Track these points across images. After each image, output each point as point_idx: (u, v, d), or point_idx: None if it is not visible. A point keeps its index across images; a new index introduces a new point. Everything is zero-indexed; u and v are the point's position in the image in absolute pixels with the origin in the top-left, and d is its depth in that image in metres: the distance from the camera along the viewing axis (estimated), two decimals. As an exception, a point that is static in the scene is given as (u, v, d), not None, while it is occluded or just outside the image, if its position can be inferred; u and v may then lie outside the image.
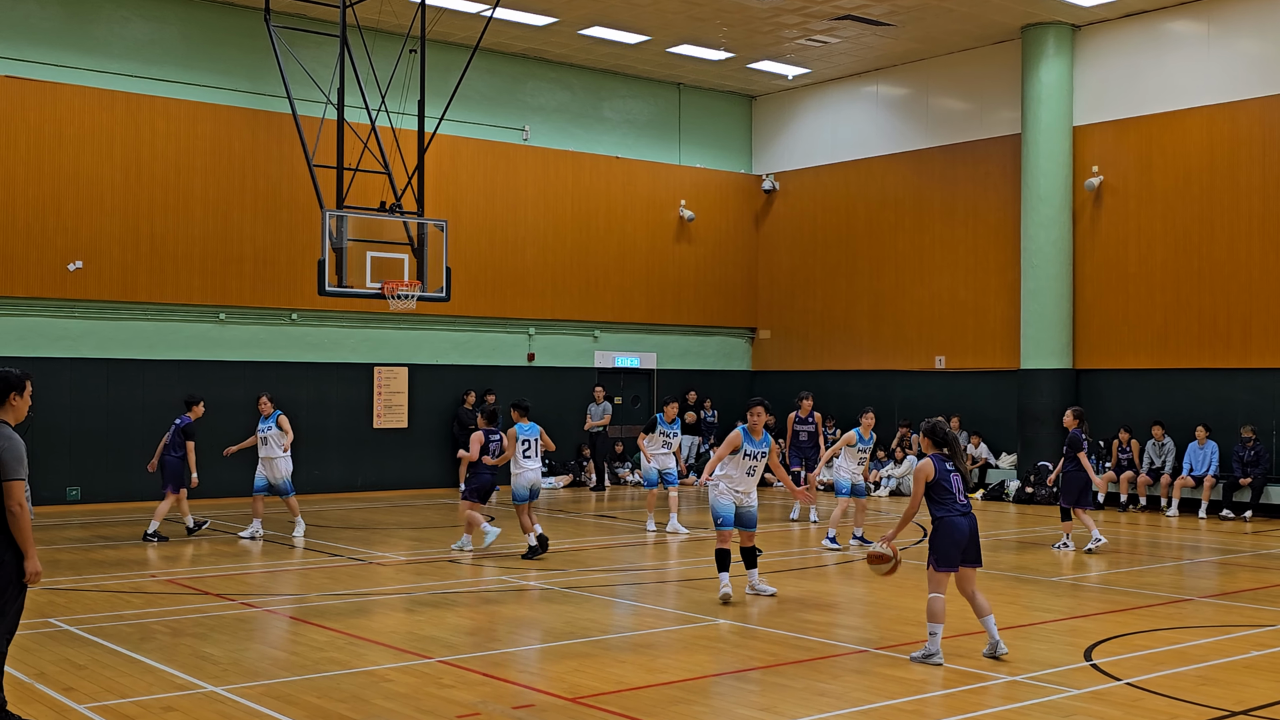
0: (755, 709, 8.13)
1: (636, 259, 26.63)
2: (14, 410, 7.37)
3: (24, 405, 7.43)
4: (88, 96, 20.53)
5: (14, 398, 7.38)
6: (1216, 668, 9.32)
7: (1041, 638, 10.55)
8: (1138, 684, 8.76)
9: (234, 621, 11.01)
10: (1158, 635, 10.55)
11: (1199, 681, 8.86)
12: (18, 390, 7.40)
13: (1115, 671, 9.13)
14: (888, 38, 23.67)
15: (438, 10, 21.31)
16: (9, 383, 7.38)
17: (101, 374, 20.71)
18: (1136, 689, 8.63)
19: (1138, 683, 8.79)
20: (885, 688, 8.67)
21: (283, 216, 22.16)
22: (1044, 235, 22.67)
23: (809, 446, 19.66)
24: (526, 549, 14.86)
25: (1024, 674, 9.04)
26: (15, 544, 7.18)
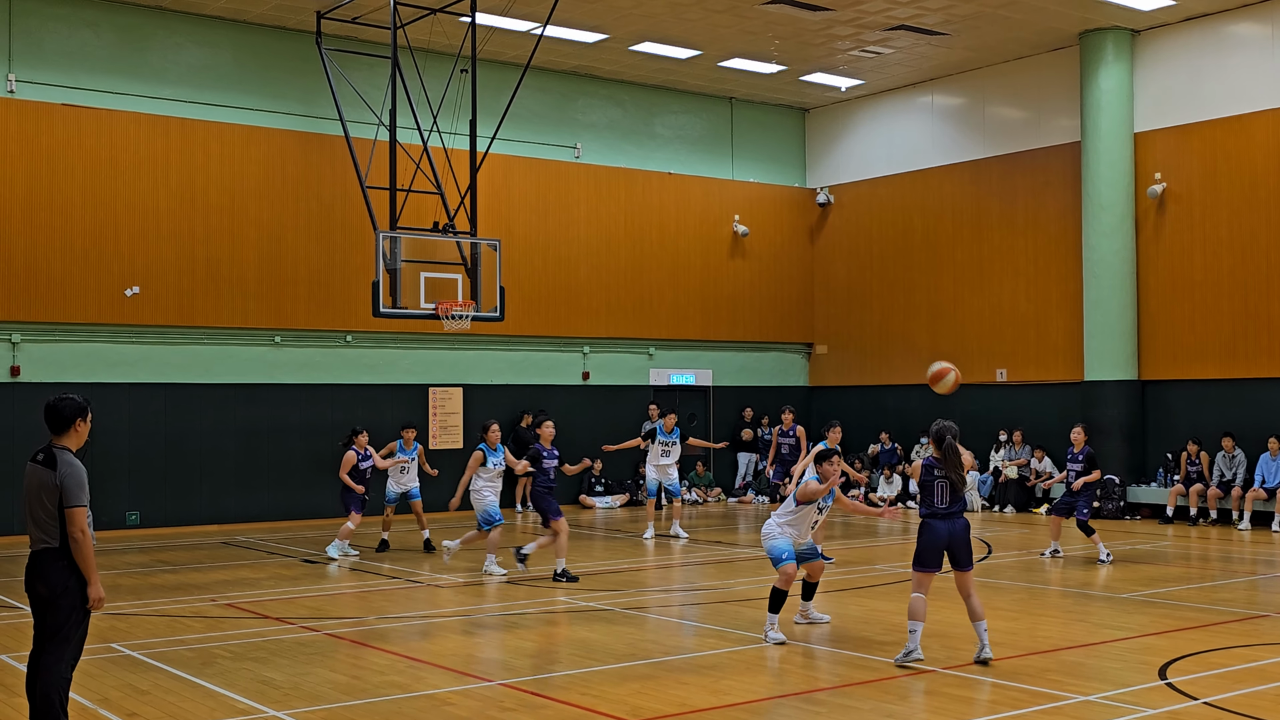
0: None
1: (691, 275, 26.49)
2: (77, 436, 7.40)
3: (86, 431, 7.46)
4: (143, 123, 20.71)
5: (79, 424, 7.42)
6: (1298, 686, 9.03)
7: (1113, 656, 10.31)
8: (1215, 703, 8.51)
9: (294, 645, 10.94)
10: (1234, 653, 10.25)
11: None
12: (82, 417, 7.43)
13: (1192, 690, 8.89)
14: (942, 47, 23.42)
15: (488, 29, 21.32)
16: (74, 410, 7.40)
17: (159, 398, 20.83)
18: (1215, 708, 8.39)
19: (1215, 702, 8.55)
20: (954, 708, 8.46)
21: (336, 238, 22.23)
22: (1106, 244, 22.30)
23: (791, 459, 19.46)
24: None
25: (1097, 694, 8.82)
26: (79, 570, 7.18)
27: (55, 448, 7.29)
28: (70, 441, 7.36)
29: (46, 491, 7.17)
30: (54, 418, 7.34)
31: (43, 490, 7.18)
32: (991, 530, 20.16)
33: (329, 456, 21.97)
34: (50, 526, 7.16)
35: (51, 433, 7.36)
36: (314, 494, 21.56)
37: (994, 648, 10.46)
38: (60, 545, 7.15)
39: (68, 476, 7.16)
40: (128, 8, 20.64)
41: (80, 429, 7.40)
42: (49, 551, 7.16)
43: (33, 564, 7.23)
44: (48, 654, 7.19)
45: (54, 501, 7.14)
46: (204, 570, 15.92)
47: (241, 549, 18.24)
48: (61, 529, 7.15)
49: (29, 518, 7.22)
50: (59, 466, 7.17)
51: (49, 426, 7.36)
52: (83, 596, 7.19)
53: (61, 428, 7.35)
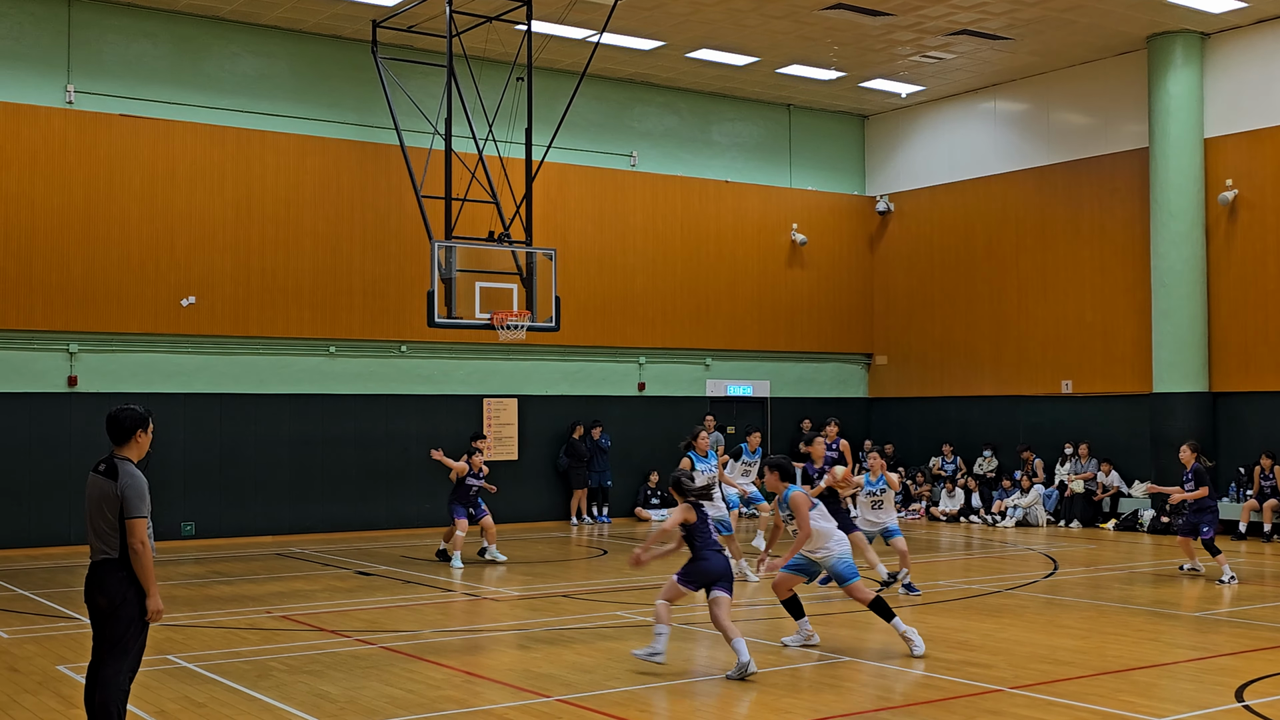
0: (892, 756, 7.66)
1: (748, 284, 26.22)
2: (138, 447, 7.39)
3: (147, 442, 7.47)
4: (199, 133, 20.77)
5: (139, 435, 7.42)
6: (1385, 710, 8.66)
7: (1188, 677, 9.99)
8: (1299, 727, 8.16)
9: (350, 659, 10.80)
10: (1317, 674, 9.86)
11: (1367, 725, 8.24)
12: (143, 428, 7.42)
13: (1270, 714, 8.57)
14: (1005, 52, 23.04)
15: (544, 37, 21.21)
16: (135, 420, 7.39)
17: (214, 409, 20.85)
18: (1300, 733, 8.04)
19: (1299, 726, 8.19)
20: (1029, 732, 8.16)
21: (391, 248, 22.19)
22: (1175, 253, 21.79)
23: None
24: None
25: (1171, 715, 8.54)
26: (138, 582, 7.17)
27: (116, 458, 7.29)
28: (131, 452, 7.35)
29: (107, 502, 7.16)
30: (115, 428, 7.34)
31: (104, 501, 7.17)
32: (1058, 546, 19.73)
33: (383, 467, 21.99)
34: (110, 537, 7.17)
35: (113, 443, 7.35)
36: (368, 505, 21.49)
37: (1062, 666, 10.16)
38: (120, 556, 7.16)
39: (128, 487, 7.16)
40: (185, 18, 20.72)
41: (141, 440, 7.40)
42: (109, 562, 7.17)
43: (93, 575, 7.23)
44: (106, 665, 7.19)
45: (114, 512, 7.14)
46: (259, 582, 15.86)
47: (296, 560, 18.19)
48: (122, 540, 7.16)
49: (90, 528, 7.24)
50: (120, 477, 7.16)
51: (110, 437, 7.35)
52: (141, 608, 7.19)
53: (122, 439, 7.34)
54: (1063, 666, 10.23)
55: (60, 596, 14.46)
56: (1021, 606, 13.47)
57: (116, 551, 7.17)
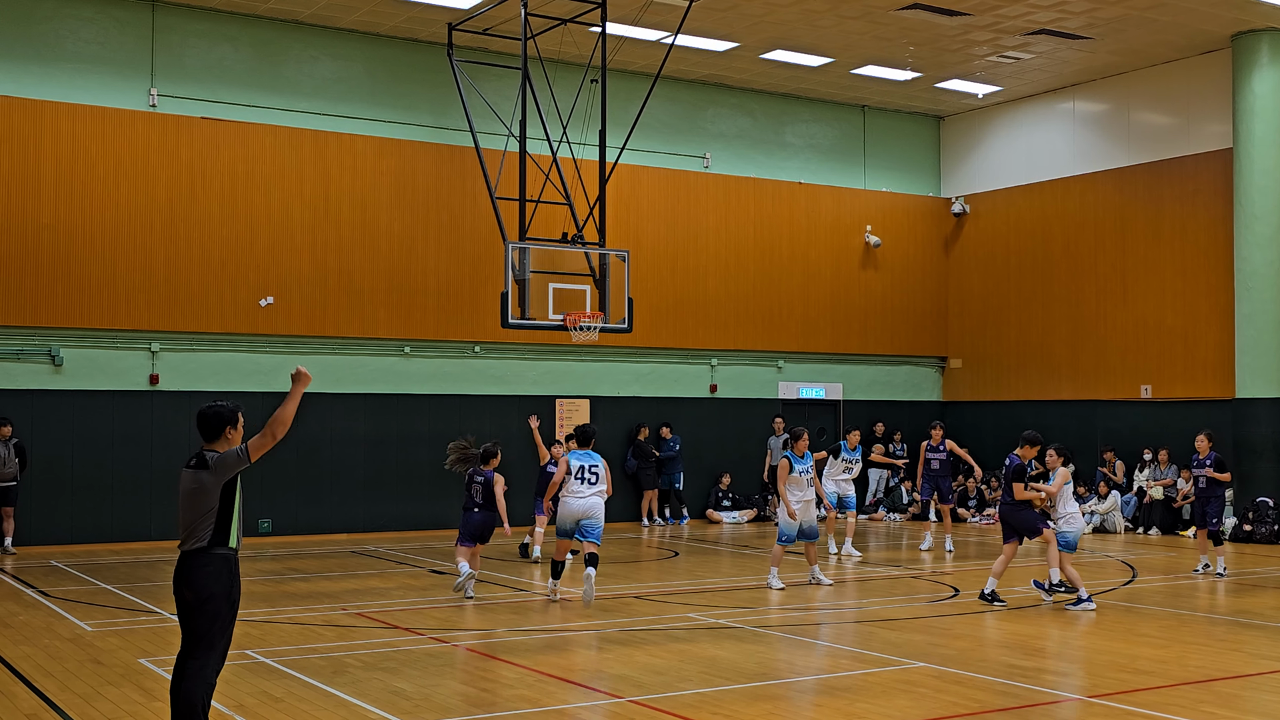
0: (968, 763, 7.57)
1: (821, 287, 26.08)
2: (227, 443, 7.50)
3: (238, 438, 7.56)
4: (278, 135, 21.04)
5: (229, 431, 7.52)
6: None
7: (1273, 688, 9.79)
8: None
9: (424, 656, 10.88)
10: None
11: None
12: (232, 424, 7.53)
13: (1362, 728, 8.32)
14: (1085, 51, 22.71)
15: (618, 39, 21.25)
16: (223, 417, 7.51)
17: (293, 407, 21.05)
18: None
19: (1391, 740, 7.98)
20: (1109, 742, 8.02)
21: (466, 249, 22.33)
22: (1260, 255, 21.36)
23: (940, 475, 19.79)
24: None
25: (1260, 728, 8.30)
26: (224, 577, 7.29)
27: (206, 451, 7.42)
28: (221, 448, 7.48)
29: (198, 494, 7.30)
30: (204, 425, 7.48)
31: (194, 493, 7.30)
32: (1136, 553, 19.41)
33: (457, 467, 22.07)
34: (200, 527, 7.28)
35: (203, 440, 7.49)
36: (441, 504, 21.63)
37: (1141, 676, 9.99)
38: (208, 544, 7.27)
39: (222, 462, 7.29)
40: (265, 22, 21.01)
41: (231, 436, 7.51)
42: (198, 552, 7.28)
43: (181, 567, 7.35)
44: (193, 659, 7.28)
45: (204, 504, 7.28)
46: (334, 579, 16.02)
47: (370, 558, 18.36)
48: (212, 528, 7.28)
49: (180, 522, 7.35)
50: (210, 464, 7.30)
51: (201, 434, 7.49)
52: (229, 602, 7.31)
53: (213, 435, 7.48)
54: (1142, 676, 10.06)
55: (142, 591, 14.71)
56: (1099, 614, 13.26)
57: (206, 540, 7.27)
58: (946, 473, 19.73)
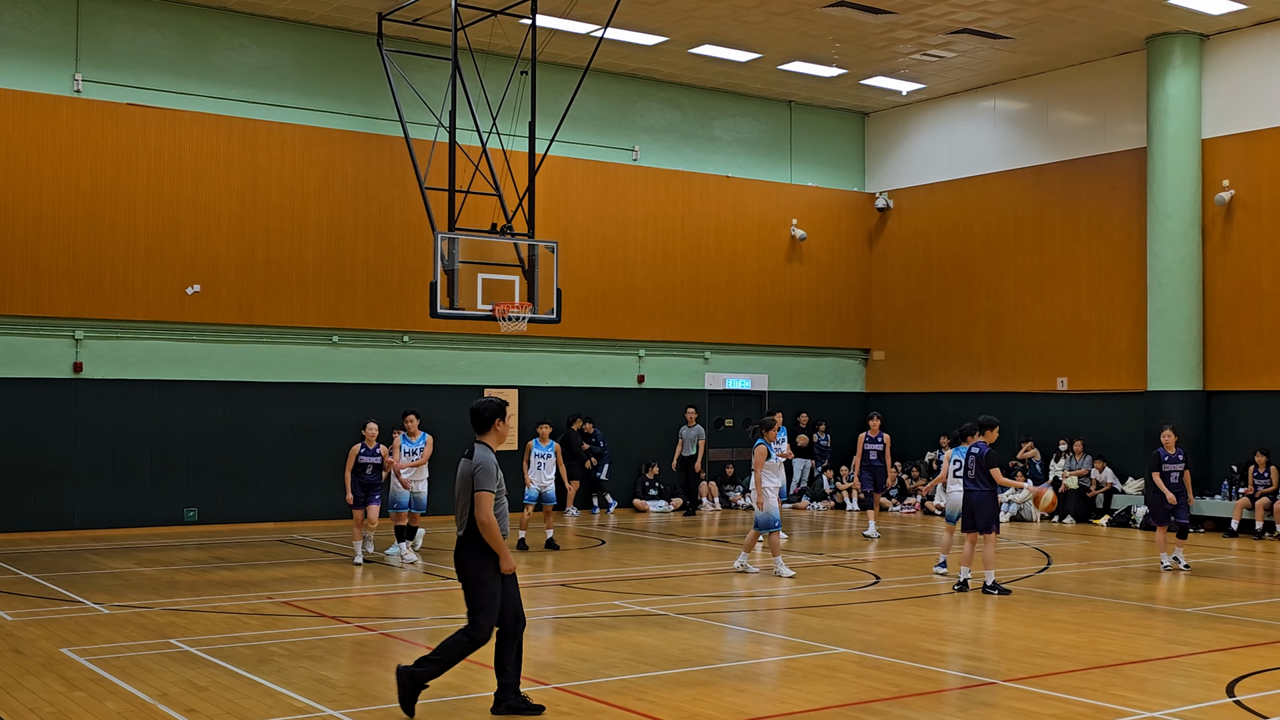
0: (884, 744, 7.82)
1: (748, 279, 26.36)
2: (497, 435, 8.24)
3: (506, 430, 8.28)
4: (206, 123, 20.89)
5: (497, 424, 8.24)
6: (1372, 706, 8.81)
7: (1179, 672, 10.10)
8: (1287, 722, 8.31)
9: (351, 645, 10.96)
10: (1305, 670, 10.01)
11: (1355, 721, 8.38)
12: (500, 417, 8.24)
13: (1261, 709, 8.70)
14: (1005, 51, 23.16)
15: (549, 32, 21.33)
16: (493, 411, 8.24)
17: (218, 396, 21.00)
18: (1287, 728, 8.19)
19: (1287, 721, 8.34)
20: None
21: (395, 239, 22.32)
22: (1171, 252, 21.93)
23: (878, 465, 20.18)
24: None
25: (1163, 710, 8.64)
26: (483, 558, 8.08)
27: (477, 443, 8.17)
28: (491, 439, 8.21)
29: (465, 482, 8.08)
30: (476, 419, 8.24)
31: (463, 481, 8.09)
32: (1051, 541, 19.88)
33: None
34: (463, 515, 8.11)
35: (475, 432, 8.24)
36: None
37: (1055, 660, 10.31)
38: (467, 532, 8.08)
39: (479, 466, 8.03)
40: (192, 9, 20.84)
41: (500, 428, 8.22)
42: (462, 538, 8.14)
43: (456, 548, 8.22)
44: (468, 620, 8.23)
45: (469, 490, 8.05)
46: (261, 568, 16.01)
47: (298, 547, 18.34)
48: (469, 519, 8.05)
49: (457, 504, 8.21)
50: (474, 458, 8.05)
51: (473, 427, 8.25)
52: (483, 578, 8.08)
53: (483, 428, 8.22)
54: (1055, 660, 10.36)
55: (65, 580, 14.61)
56: (1015, 600, 13.62)
57: (464, 529, 8.09)
58: (884, 463, 20.08)
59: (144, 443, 20.26)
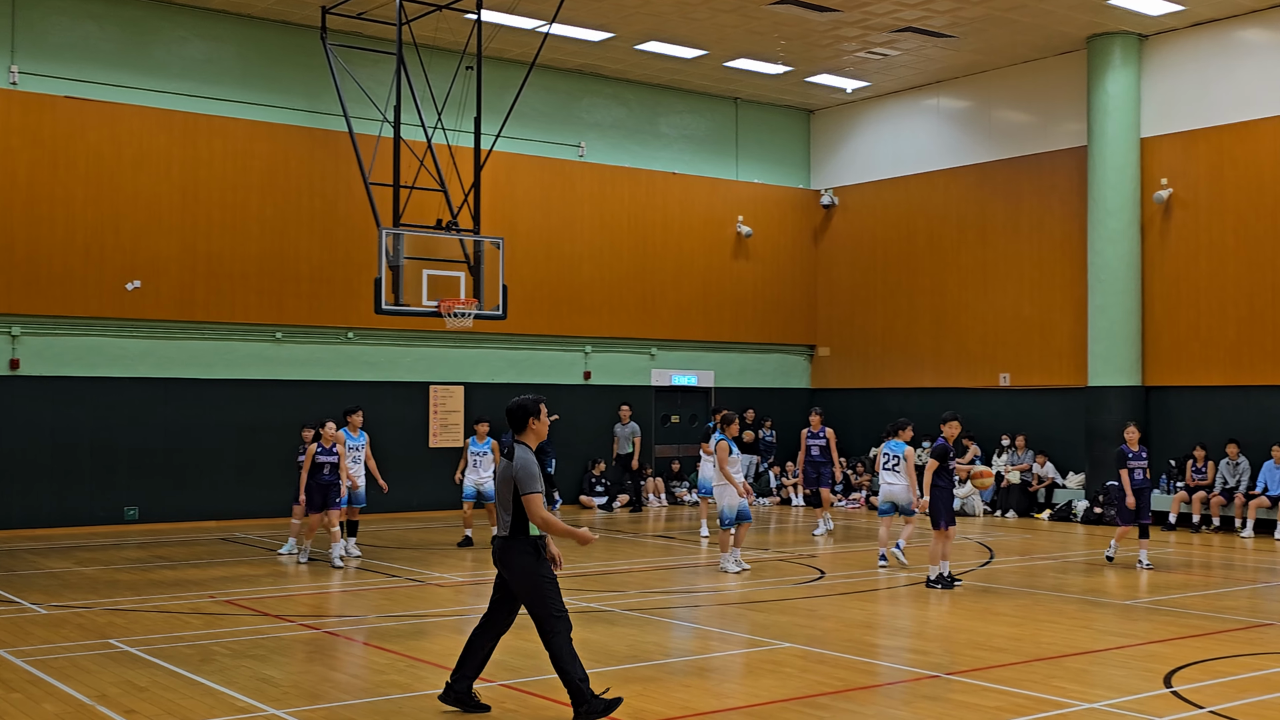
0: (828, 738, 7.87)
1: (694, 276, 26.41)
2: (534, 433, 8.10)
3: (543, 427, 8.13)
4: (146, 117, 20.64)
5: (533, 422, 8.10)
6: (1305, 695, 8.97)
7: (1118, 663, 10.24)
8: (1221, 712, 8.45)
9: (294, 643, 10.87)
10: (1239, 661, 10.18)
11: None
12: (534, 415, 8.09)
13: (1197, 699, 8.83)
14: (949, 49, 23.35)
15: (494, 27, 21.26)
16: (526, 409, 8.09)
17: (159, 393, 20.76)
18: (1220, 717, 8.33)
19: (1222, 710, 8.48)
20: (958, 714, 8.40)
21: (339, 235, 22.17)
22: (1111, 250, 22.22)
23: (821, 461, 20.06)
24: None
25: (1103, 700, 8.76)
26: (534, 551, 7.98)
27: (516, 443, 8.03)
28: (529, 438, 8.09)
29: (506, 483, 7.98)
30: (511, 419, 8.11)
31: (504, 482, 8.00)
32: (994, 535, 20.08)
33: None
34: (504, 516, 8.03)
35: (513, 432, 8.12)
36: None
37: (997, 653, 10.42)
38: (509, 536, 7.99)
39: (520, 469, 7.90)
40: (132, 0, 20.56)
41: (535, 426, 8.09)
42: (503, 540, 8.05)
43: (496, 548, 8.15)
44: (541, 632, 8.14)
45: (511, 491, 7.94)
46: (203, 566, 15.85)
47: (240, 545, 18.18)
48: (511, 518, 7.97)
49: (497, 505, 8.14)
50: (514, 459, 7.93)
51: (510, 426, 8.13)
52: (538, 574, 7.97)
53: (519, 426, 8.09)
54: (997, 653, 10.47)
55: (1, 580, 14.39)
56: (958, 594, 13.75)
57: (508, 530, 7.99)
58: (827, 459, 20.07)
59: (83, 440, 19.99)
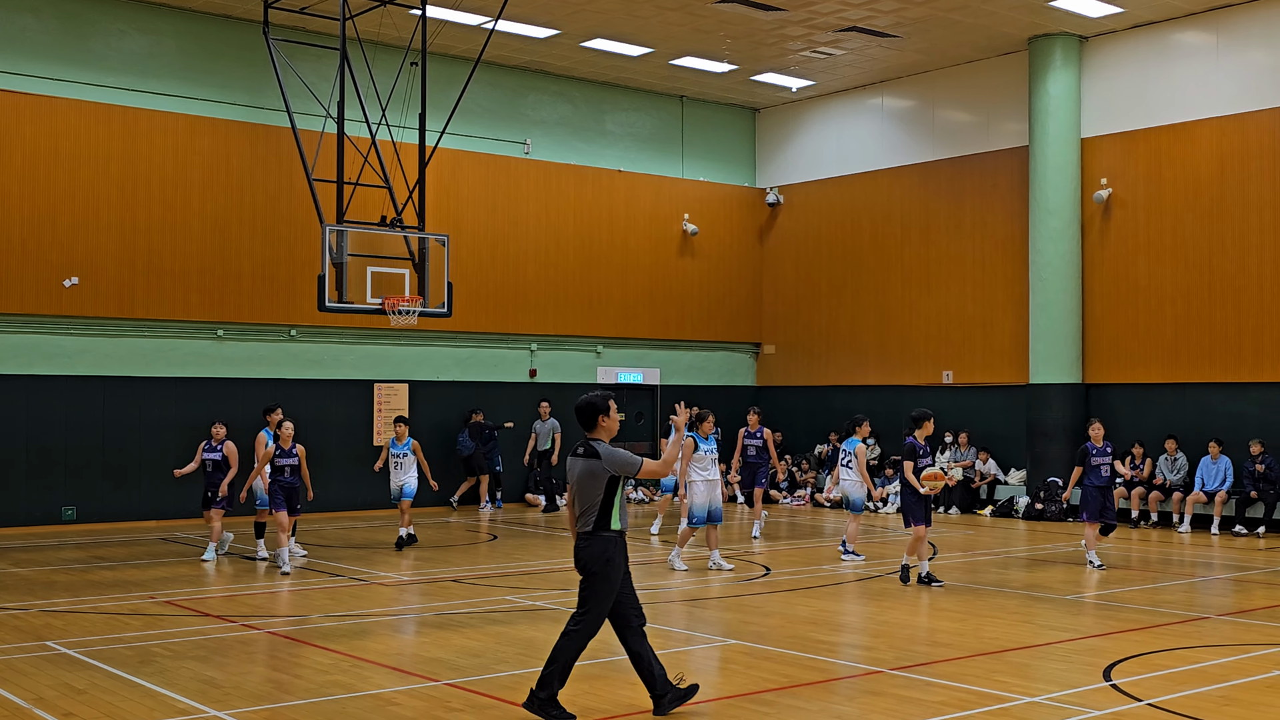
0: (773, 734, 7.90)
1: (640, 273, 26.42)
2: (605, 430, 8.17)
3: (614, 423, 8.21)
4: (84, 111, 20.35)
5: (602, 419, 8.17)
6: (1238, 688, 9.12)
7: (1059, 657, 10.36)
8: (1159, 704, 8.56)
9: (236, 644, 10.77)
10: (1176, 654, 10.33)
11: (1222, 702, 8.67)
12: (604, 413, 8.16)
13: (1136, 692, 8.94)
14: (893, 49, 23.51)
15: (439, 23, 21.15)
16: (595, 408, 8.16)
17: (98, 392, 20.48)
18: (1158, 710, 8.44)
19: (1159, 703, 8.59)
20: (901, 709, 8.46)
21: (282, 231, 21.97)
22: (1052, 248, 22.47)
23: (757, 461, 19.56)
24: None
25: (1043, 694, 8.86)
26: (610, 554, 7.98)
27: (591, 440, 8.10)
28: (601, 434, 8.16)
29: (592, 478, 8.00)
30: (581, 416, 8.18)
31: (586, 477, 8.02)
32: (936, 532, 20.23)
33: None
34: (588, 513, 8.02)
35: (584, 429, 8.21)
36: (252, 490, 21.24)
37: (940, 648, 10.50)
38: (593, 528, 8.00)
39: (610, 460, 7.99)
40: (70, -7, 20.30)
41: (605, 423, 8.16)
42: (585, 535, 8.04)
43: (577, 546, 8.12)
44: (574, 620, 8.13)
45: (594, 491, 7.98)
46: (142, 567, 15.66)
47: (181, 545, 17.97)
48: (596, 513, 7.98)
49: (574, 504, 8.14)
50: (602, 456, 7.98)
51: (580, 424, 8.21)
52: (609, 574, 8.00)
53: (590, 425, 8.17)
54: (941, 648, 10.56)
55: None
56: (901, 590, 13.85)
57: (591, 526, 7.99)
58: (763, 459, 19.77)
59: (19, 439, 19.69)
